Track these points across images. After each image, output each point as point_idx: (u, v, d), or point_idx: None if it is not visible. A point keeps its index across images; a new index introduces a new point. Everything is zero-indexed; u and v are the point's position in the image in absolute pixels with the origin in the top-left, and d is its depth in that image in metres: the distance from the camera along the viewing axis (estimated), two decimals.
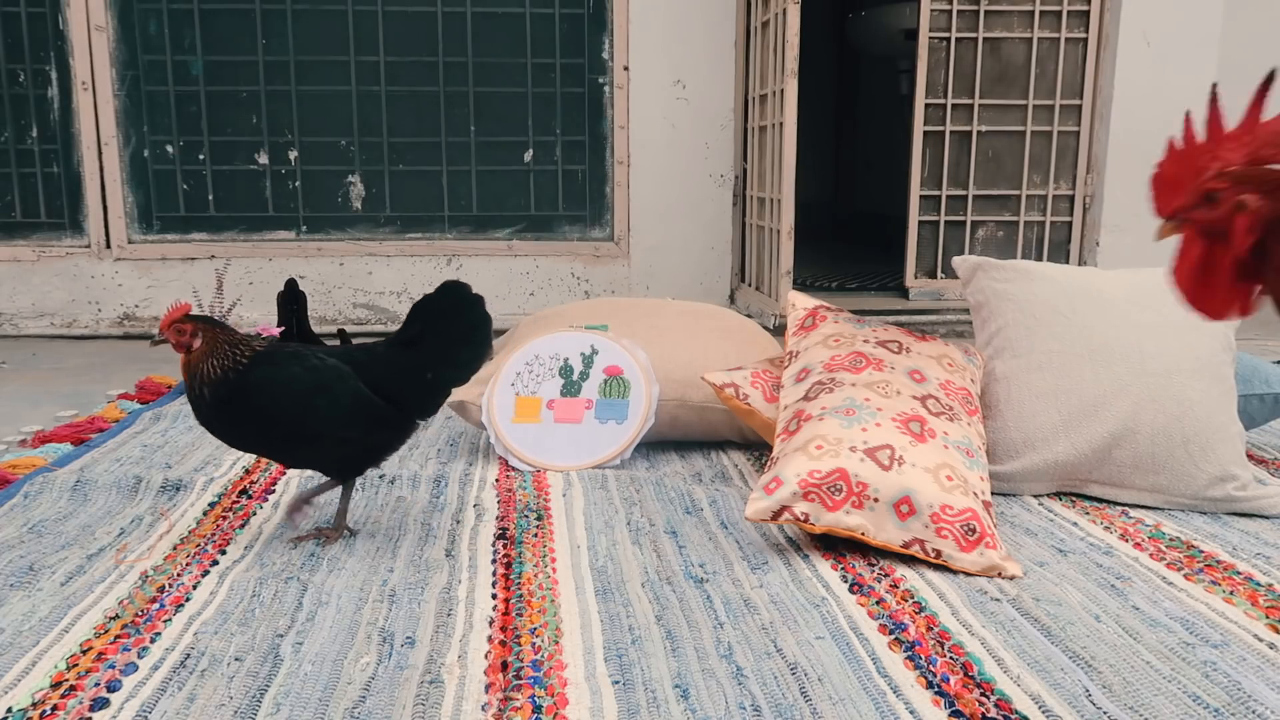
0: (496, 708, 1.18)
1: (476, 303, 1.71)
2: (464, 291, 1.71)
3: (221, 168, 3.75)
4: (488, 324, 1.73)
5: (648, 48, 3.79)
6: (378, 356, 1.70)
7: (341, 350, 1.73)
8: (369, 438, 1.67)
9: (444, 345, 1.69)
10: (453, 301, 1.71)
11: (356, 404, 1.62)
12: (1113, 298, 1.96)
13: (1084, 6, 3.75)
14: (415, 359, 1.68)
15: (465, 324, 1.71)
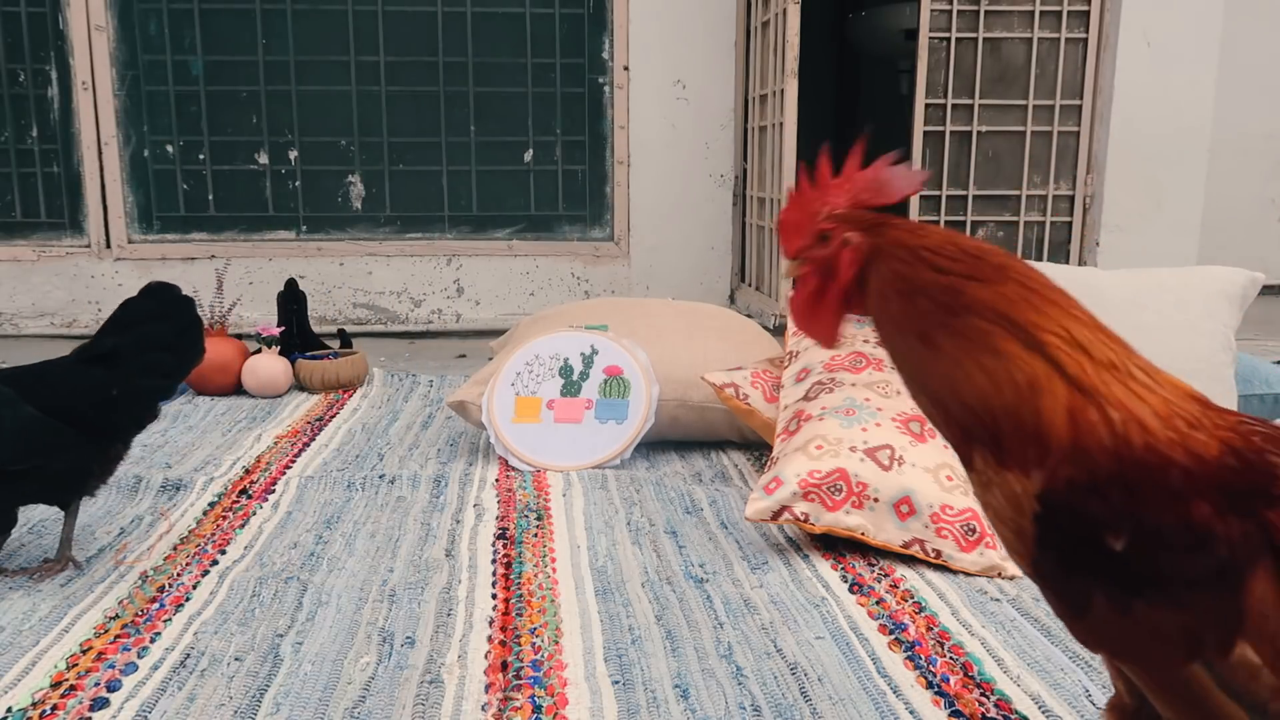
0: (496, 708, 1.18)
1: (185, 305, 1.61)
2: (170, 294, 1.61)
3: (221, 168, 3.75)
4: (198, 327, 1.62)
5: (648, 48, 3.79)
6: (51, 374, 1.54)
7: (6, 371, 1.56)
8: (49, 467, 1.49)
9: (147, 354, 1.55)
10: (158, 305, 1.59)
11: (19, 432, 1.45)
12: (1113, 298, 1.96)
13: (1084, 6, 3.74)
14: (100, 375, 1.53)
15: (171, 329, 1.59)
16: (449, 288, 3.86)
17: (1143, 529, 0.71)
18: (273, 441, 2.26)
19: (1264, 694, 0.71)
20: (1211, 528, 0.71)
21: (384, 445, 2.26)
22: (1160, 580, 0.72)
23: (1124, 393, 0.74)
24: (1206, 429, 0.74)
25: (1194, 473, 0.72)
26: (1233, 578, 0.71)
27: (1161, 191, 3.88)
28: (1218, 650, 0.71)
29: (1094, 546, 0.72)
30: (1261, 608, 0.70)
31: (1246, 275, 1.99)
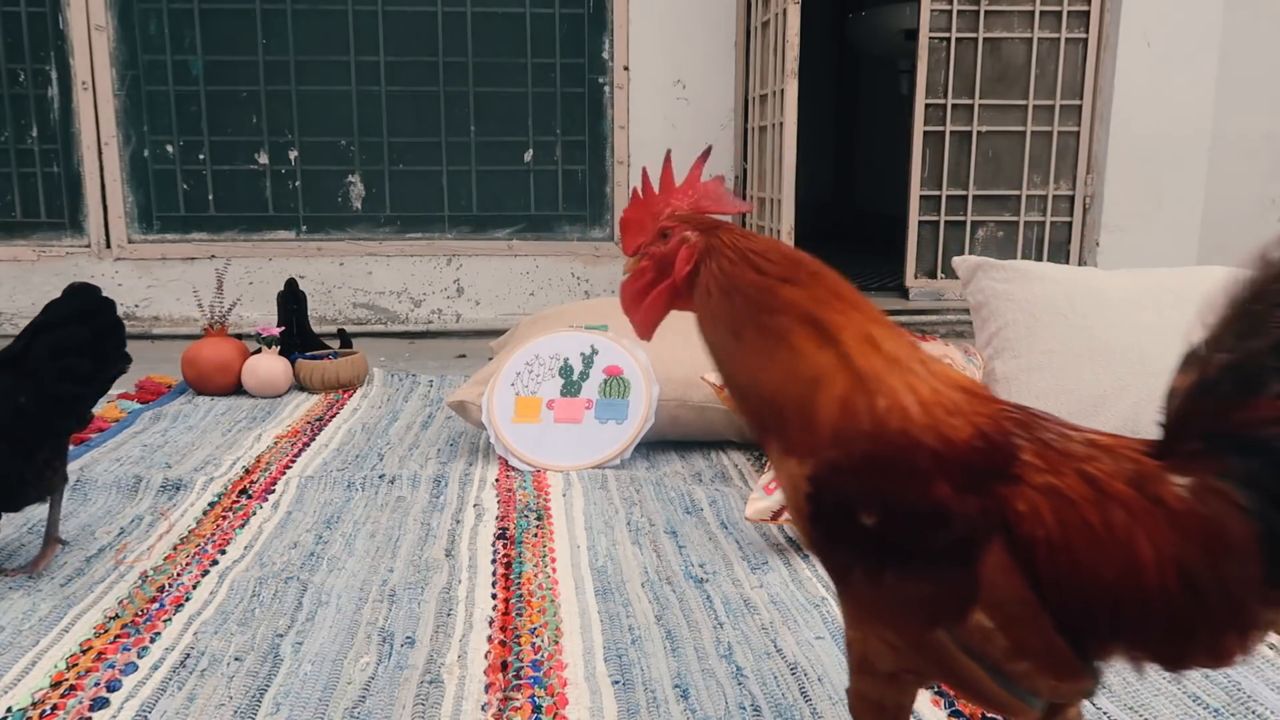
0: (496, 708, 1.18)
1: (105, 307, 1.55)
2: (90, 295, 1.54)
3: (221, 167, 3.75)
4: (119, 331, 1.57)
5: (648, 48, 3.79)
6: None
7: None
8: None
9: (61, 359, 1.49)
10: (76, 307, 1.53)
11: None
12: (1113, 298, 1.96)
13: (1084, 6, 3.74)
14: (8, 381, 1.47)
15: (88, 333, 1.52)
16: (449, 288, 3.86)
17: (890, 507, 0.79)
18: (273, 441, 2.26)
19: (997, 655, 0.78)
20: (950, 506, 0.78)
21: (384, 445, 2.26)
22: (906, 553, 0.79)
23: (899, 384, 0.81)
24: (964, 415, 0.80)
25: (941, 454, 0.79)
26: (968, 551, 0.78)
27: (1161, 191, 3.88)
28: (955, 617, 0.79)
29: (851, 522, 0.80)
30: (993, 578, 0.77)
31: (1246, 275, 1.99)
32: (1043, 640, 0.78)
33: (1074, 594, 0.77)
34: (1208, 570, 0.74)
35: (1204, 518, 0.75)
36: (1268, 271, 0.77)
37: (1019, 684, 0.80)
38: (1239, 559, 0.74)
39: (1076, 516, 0.77)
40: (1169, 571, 0.75)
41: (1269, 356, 0.74)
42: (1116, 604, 0.76)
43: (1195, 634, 0.76)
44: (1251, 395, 0.75)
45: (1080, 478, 0.78)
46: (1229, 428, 0.75)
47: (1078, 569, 0.76)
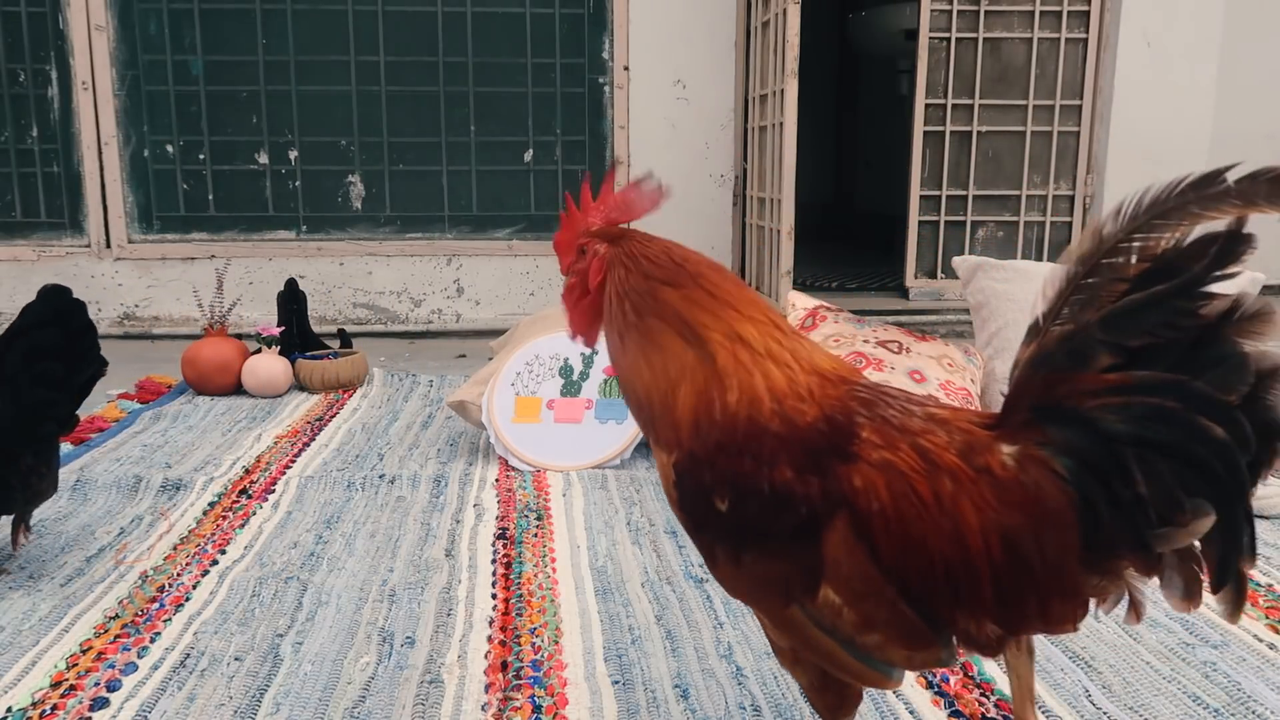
0: (496, 708, 1.18)
1: (77, 310, 1.53)
2: (61, 298, 1.52)
3: (221, 167, 3.75)
4: (92, 334, 1.55)
5: (648, 48, 3.79)
6: None
7: None
8: None
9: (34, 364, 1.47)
10: (50, 310, 1.50)
11: None
12: None
13: (1084, 6, 3.74)
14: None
15: (60, 336, 1.50)
16: (449, 288, 3.86)
17: (739, 491, 0.83)
18: (273, 441, 2.26)
19: (848, 629, 0.83)
20: (792, 488, 0.81)
21: (384, 445, 2.26)
22: (759, 534, 0.83)
23: (755, 376, 0.85)
24: (813, 399, 0.85)
25: (784, 438, 0.83)
26: (812, 530, 0.81)
27: None
28: (806, 594, 0.83)
29: (710, 507, 0.84)
30: (836, 554, 0.81)
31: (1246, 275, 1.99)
32: (889, 611, 0.81)
33: (911, 564, 0.80)
34: (1029, 536, 0.77)
35: (1025, 486, 0.78)
36: (1100, 245, 0.77)
37: (873, 655, 0.83)
38: (1058, 525, 0.77)
39: (908, 489, 0.80)
40: (993, 538, 0.78)
41: (1098, 330, 0.76)
42: (949, 571, 0.79)
43: (1025, 599, 0.79)
44: (1079, 368, 0.76)
45: (914, 451, 0.81)
46: (1055, 399, 0.78)
47: (911, 539, 0.80)
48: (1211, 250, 0.73)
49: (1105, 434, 0.75)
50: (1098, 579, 0.79)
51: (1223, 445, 0.72)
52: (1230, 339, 0.73)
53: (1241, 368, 0.72)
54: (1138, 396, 0.74)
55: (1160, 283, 0.74)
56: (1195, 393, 0.72)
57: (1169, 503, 0.73)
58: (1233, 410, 0.72)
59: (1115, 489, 0.75)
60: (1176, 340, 0.74)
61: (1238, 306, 0.73)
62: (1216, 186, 0.73)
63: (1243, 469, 0.72)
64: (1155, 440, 0.74)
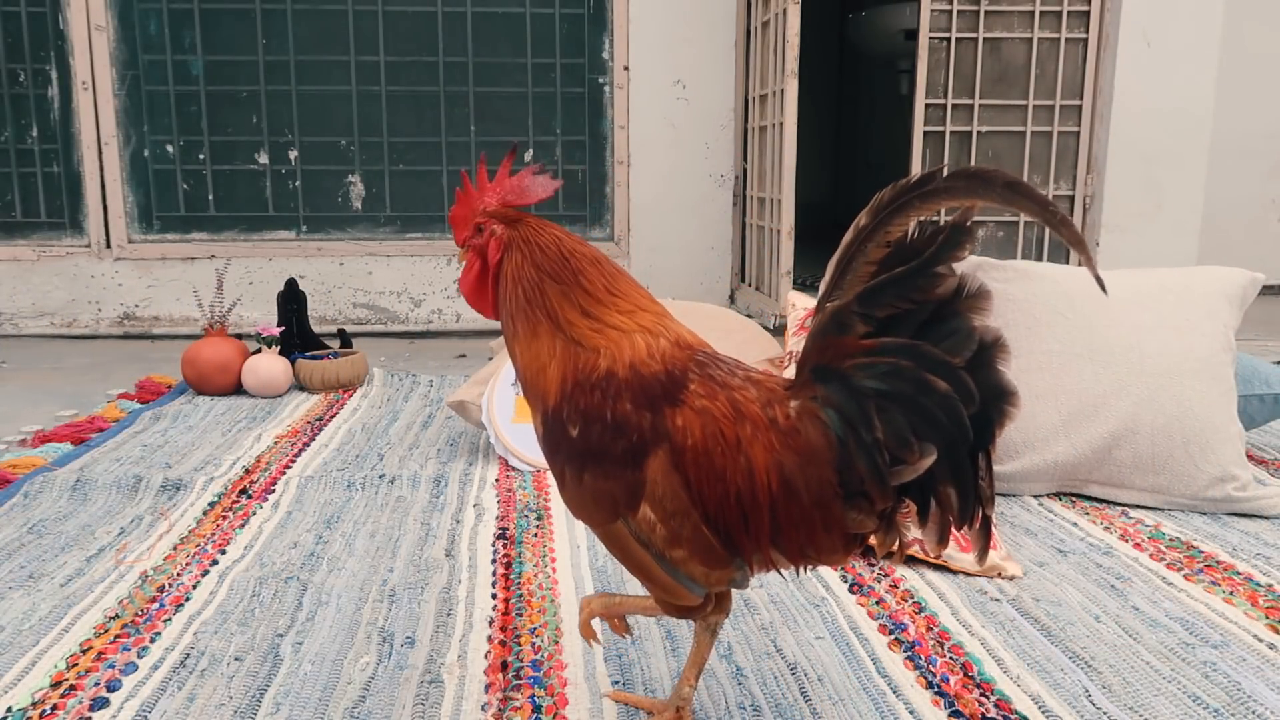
0: (496, 708, 1.18)
1: None
2: None
3: (221, 167, 3.75)
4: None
5: (648, 48, 3.79)
6: None
7: None
8: None
9: None
10: None
11: None
12: (1113, 298, 1.96)
13: (1084, 6, 3.74)
14: None
15: None
16: (449, 287, 3.86)
17: (587, 418, 0.99)
18: (273, 441, 2.26)
19: (660, 544, 0.99)
20: (629, 418, 0.98)
21: (384, 445, 2.26)
22: (597, 456, 0.99)
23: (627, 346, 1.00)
24: (661, 358, 1.01)
25: (630, 382, 0.99)
26: (640, 455, 0.97)
27: (1161, 191, 3.88)
28: (630, 509, 0.98)
29: (564, 435, 1.00)
30: (655, 477, 0.97)
31: (1246, 275, 1.99)
32: (693, 531, 0.97)
33: (711, 492, 0.96)
34: (799, 474, 0.94)
35: (799, 432, 0.95)
36: (858, 235, 0.93)
37: (679, 569, 1.00)
38: (819, 464, 0.94)
39: (717, 430, 0.97)
40: (774, 475, 0.95)
41: (855, 303, 0.91)
42: (739, 500, 0.96)
43: (797, 527, 0.95)
44: (843, 335, 0.92)
45: (728, 402, 0.98)
46: (824, 361, 0.94)
47: (714, 471, 0.96)
48: (939, 239, 0.89)
49: (855, 388, 0.92)
50: (855, 513, 0.94)
51: (947, 398, 0.88)
52: (960, 313, 0.89)
53: (968, 336, 0.89)
54: (880, 357, 0.90)
55: (900, 265, 0.90)
56: (925, 354, 0.88)
57: (901, 444, 0.90)
58: (957, 370, 0.88)
59: (860, 433, 0.91)
60: (915, 312, 0.90)
61: (964, 286, 0.89)
62: (930, 185, 0.89)
63: (965, 419, 0.88)
64: (892, 393, 0.90)
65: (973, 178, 0.88)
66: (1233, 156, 4.31)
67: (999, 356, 0.90)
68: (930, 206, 0.90)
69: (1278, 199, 4.61)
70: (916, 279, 0.89)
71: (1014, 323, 1.98)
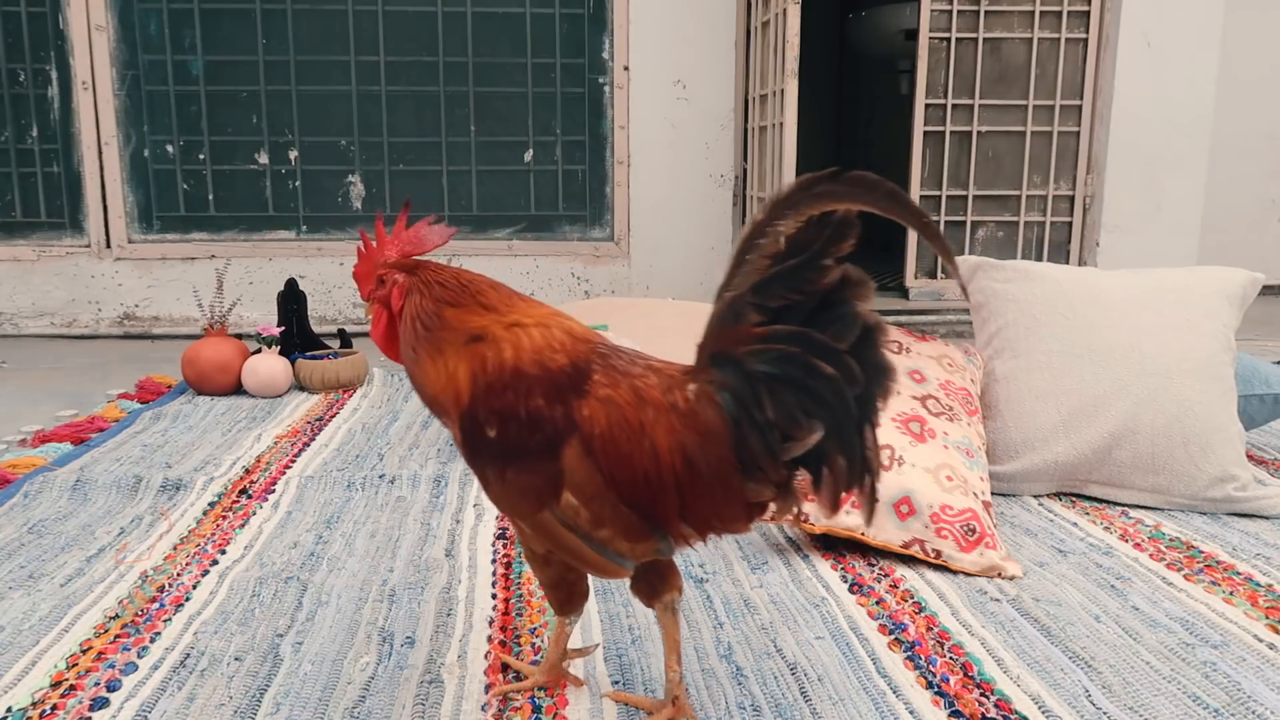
0: (496, 708, 1.18)
1: None
2: None
3: (221, 167, 3.75)
4: None
5: (648, 48, 3.79)
6: None
7: None
8: None
9: None
10: None
11: None
12: (1113, 298, 1.96)
13: (1084, 7, 3.74)
14: None
15: None
16: None
17: (503, 418, 1.05)
18: (273, 441, 2.26)
19: (586, 526, 1.05)
20: (542, 413, 1.04)
21: (384, 445, 2.26)
22: (516, 452, 1.05)
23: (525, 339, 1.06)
24: (564, 353, 1.06)
25: (539, 378, 1.05)
26: (555, 447, 1.04)
27: (1161, 192, 3.88)
28: (553, 498, 1.05)
29: (483, 437, 1.06)
30: (572, 465, 1.03)
31: (1246, 275, 1.99)
32: (613, 510, 1.04)
33: (621, 473, 1.03)
34: (699, 452, 1.01)
35: (698, 414, 1.01)
36: (753, 230, 0.99)
37: (606, 548, 1.06)
38: (717, 442, 1.01)
39: (621, 416, 1.03)
40: (677, 454, 1.01)
41: (749, 294, 0.98)
42: (648, 479, 1.02)
43: (701, 501, 1.02)
44: (738, 323, 0.99)
45: (630, 390, 1.04)
46: (720, 347, 1.01)
47: (622, 455, 1.03)
48: (825, 234, 0.95)
49: (748, 372, 0.99)
50: (753, 485, 1.01)
51: (832, 380, 0.96)
52: (845, 301, 0.96)
53: (852, 322, 0.96)
54: (771, 344, 0.98)
55: (790, 259, 0.96)
56: (812, 340, 0.96)
57: (791, 422, 0.98)
58: (842, 354, 0.95)
59: (753, 413, 0.99)
60: (805, 302, 0.97)
61: (847, 277, 0.96)
62: (819, 188, 0.96)
63: (849, 398, 0.96)
64: (782, 376, 0.97)
65: (858, 184, 0.94)
66: (1233, 157, 4.31)
67: (880, 339, 0.97)
68: (818, 207, 0.96)
69: (1278, 199, 4.61)
70: (805, 271, 0.96)
71: (1014, 323, 1.98)
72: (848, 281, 0.96)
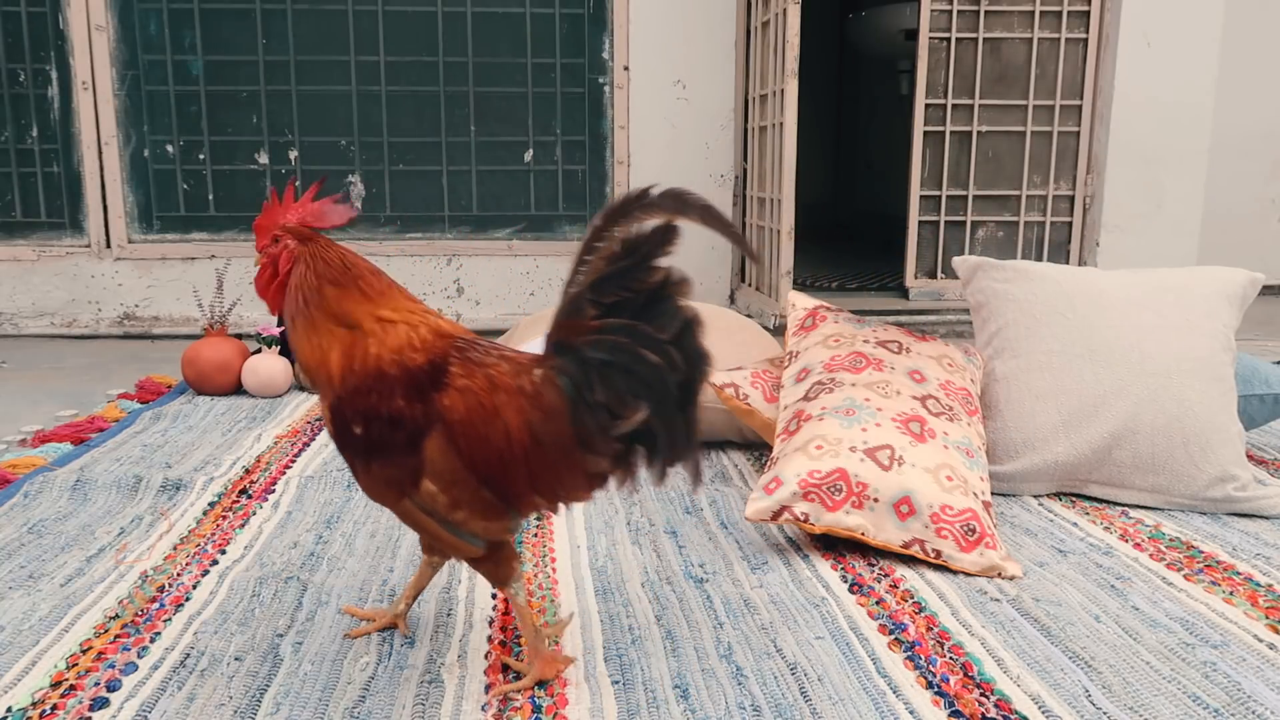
0: (496, 708, 1.18)
1: None
2: None
3: (221, 167, 3.75)
4: None
5: (648, 48, 3.79)
6: None
7: None
8: None
9: None
10: None
11: None
12: (1113, 298, 1.96)
13: (1084, 6, 3.75)
14: None
15: None
16: (449, 288, 3.86)
17: (367, 418, 1.15)
18: (273, 441, 2.26)
19: (443, 510, 1.17)
20: (403, 413, 1.14)
21: None
22: (380, 448, 1.16)
23: (384, 341, 1.16)
24: (425, 350, 1.17)
25: (399, 378, 1.15)
26: (417, 442, 1.15)
27: (1161, 191, 3.88)
28: (413, 488, 1.16)
29: (350, 433, 1.17)
30: (433, 456, 1.14)
31: (1246, 275, 1.99)
32: (471, 494, 1.15)
33: (479, 455, 1.14)
34: (544, 429, 1.13)
35: (542, 396, 1.13)
36: (592, 234, 1.11)
37: (461, 529, 1.18)
38: (558, 421, 1.13)
39: (477, 402, 1.15)
40: (525, 433, 1.14)
41: (587, 291, 1.11)
42: (502, 458, 1.14)
43: (547, 473, 1.15)
44: (578, 317, 1.12)
45: (485, 378, 1.16)
46: (563, 338, 1.13)
47: (479, 437, 1.14)
48: (653, 239, 1.09)
49: (584, 359, 1.11)
50: (591, 457, 1.14)
51: (655, 366, 1.09)
52: (669, 298, 1.10)
53: (674, 315, 1.10)
54: (604, 335, 1.10)
55: (621, 261, 1.09)
56: (639, 332, 1.09)
57: (619, 402, 1.10)
58: (664, 344, 1.09)
59: (587, 395, 1.11)
60: (634, 298, 1.10)
61: (670, 277, 1.10)
62: (646, 200, 1.09)
63: (670, 381, 1.09)
64: (613, 363, 1.10)
65: (677, 198, 1.10)
66: (1233, 156, 4.31)
67: (698, 330, 1.11)
68: (646, 215, 1.10)
69: (1278, 199, 4.61)
70: (635, 272, 1.09)
71: (1014, 323, 1.98)
72: (670, 281, 1.10)
